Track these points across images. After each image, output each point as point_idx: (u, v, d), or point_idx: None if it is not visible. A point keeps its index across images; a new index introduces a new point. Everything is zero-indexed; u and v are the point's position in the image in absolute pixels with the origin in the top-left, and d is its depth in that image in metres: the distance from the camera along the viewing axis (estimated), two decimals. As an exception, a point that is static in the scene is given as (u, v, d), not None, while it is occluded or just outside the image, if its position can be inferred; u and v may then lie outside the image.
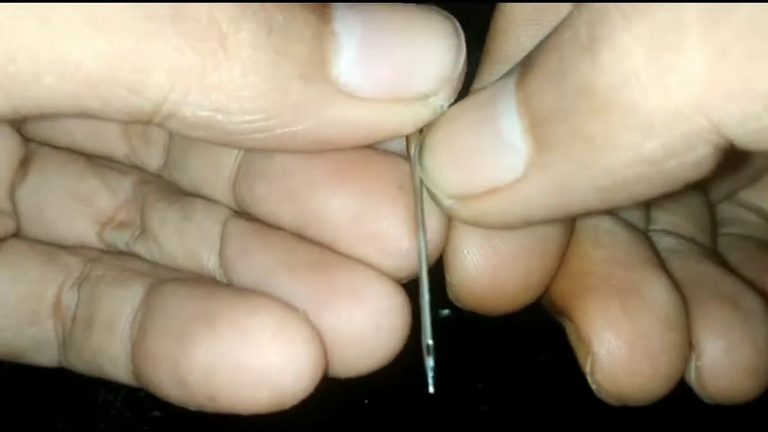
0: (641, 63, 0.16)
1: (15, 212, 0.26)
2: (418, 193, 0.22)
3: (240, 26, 0.18)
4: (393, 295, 0.22)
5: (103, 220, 0.26)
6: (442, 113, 0.21)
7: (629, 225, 0.26)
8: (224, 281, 0.24)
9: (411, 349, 0.23)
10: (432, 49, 0.20)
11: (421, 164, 0.21)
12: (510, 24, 0.24)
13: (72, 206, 0.26)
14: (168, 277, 0.24)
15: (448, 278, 0.23)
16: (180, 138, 0.26)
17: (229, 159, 0.25)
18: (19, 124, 0.26)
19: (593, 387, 0.23)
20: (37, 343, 0.25)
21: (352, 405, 0.41)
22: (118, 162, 0.28)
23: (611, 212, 0.26)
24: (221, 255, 0.24)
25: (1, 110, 0.18)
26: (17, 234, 0.26)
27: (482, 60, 0.25)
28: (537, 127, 0.19)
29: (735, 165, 0.22)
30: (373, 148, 0.23)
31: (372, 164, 0.22)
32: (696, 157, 0.17)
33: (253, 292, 0.22)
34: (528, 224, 0.21)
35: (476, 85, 0.24)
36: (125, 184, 0.27)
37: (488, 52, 0.24)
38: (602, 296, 0.23)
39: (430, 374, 0.21)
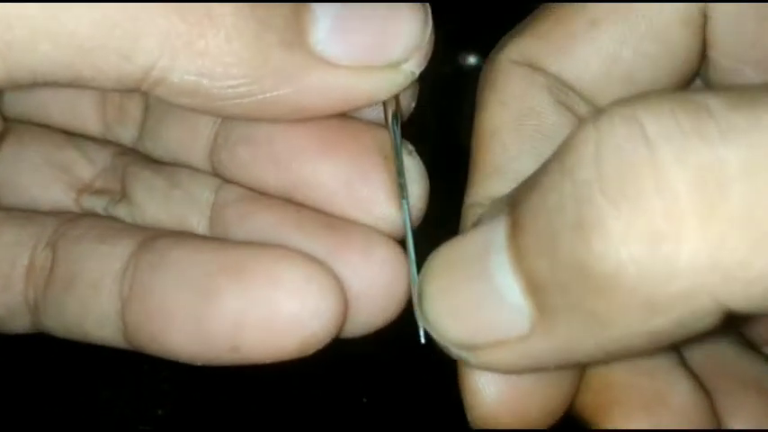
0: (638, 252, 0.16)
1: None
2: (399, 162, 0.23)
3: None
4: (399, 255, 0.23)
5: (80, 187, 0.27)
6: (435, 256, 0.21)
7: None
8: None
9: (409, 347, 0.23)
10: (402, 20, 0.22)
11: (422, 313, 0.21)
12: (494, 133, 0.24)
13: (48, 172, 0.27)
14: (160, 234, 0.24)
15: (467, 412, 0.23)
16: (156, 109, 0.27)
17: (206, 128, 0.25)
18: None
19: None
20: (9, 310, 0.25)
21: (351, 404, 0.41)
22: (94, 138, 0.28)
23: None
24: (215, 219, 0.24)
25: None
26: None
27: (471, 171, 0.25)
28: (536, 293, 0.18)
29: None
30: (355, 118, 0.24)
31: (358, 132, 0.23)
32: (704, 326, 0.17)
33: (272, 245, 0.22)
34: (540, 371, 0.21)
35: (468, 199, 0.25)
36: (103, 155, 0.27)
37: (476, 163, 0.25)
38: (630, 412, 0.23)
39: (421, 328, 0.22)
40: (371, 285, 0.22)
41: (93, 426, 0.40)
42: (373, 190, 0.23)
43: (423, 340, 0.22)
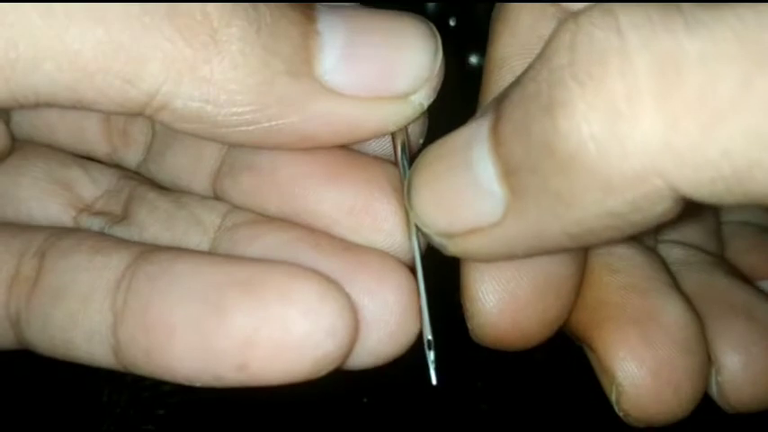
0: (598, 130, 0.17)
1: None
2: (408, 195, 0.22)
3: (231, 22, 0.20)
4: (413, 283, 0.22)
5: (80, 207, 0.26)
6: (425, 151, 0.22)
7: (641, 246, 0.27)
8: None
9: (409, 348, 0.23)
10: (411, 51, 0.22)
11: (410, 203, 0.22)
12: (503, 61, 0.25)
13: (48, 187, 0.26)
14: (159, 248, 0.23)
15: (467, 321, 0.24)
16: (162, 134, 0.26)
17: (212, 155, 0.25)
18: (6, 117, 0.26)
19: (620, 414, 0.24)
20: None
21: (351, 404, 0.41)
22: (100, 160, 0.28)
23: None
24: (220, 240, 0.24)
25: (0, 96, 0.19)
26: None
27: (480, 95, 0.26)
28: (509, 176, 0.19)
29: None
30: (362, 152, 0.24)
31: (364, 163, 0.23)
32: (658, 211, 0.18)
33: (284, 261, 0.21)
34: (511, 259, 0.22)
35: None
36: (107, 177, 0.27)
37: (485, 90, 0.25)
38: (621, 326, 0.24)
39: (432, 368, 0.22)
40: (385, 311, 0.21)
41: (94, 426, 0.40)
42: (378, 220, 0.23)
43: (434, 382, 0.22)
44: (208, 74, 0.20)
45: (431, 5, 0.48)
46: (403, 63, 0.22)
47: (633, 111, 0.17)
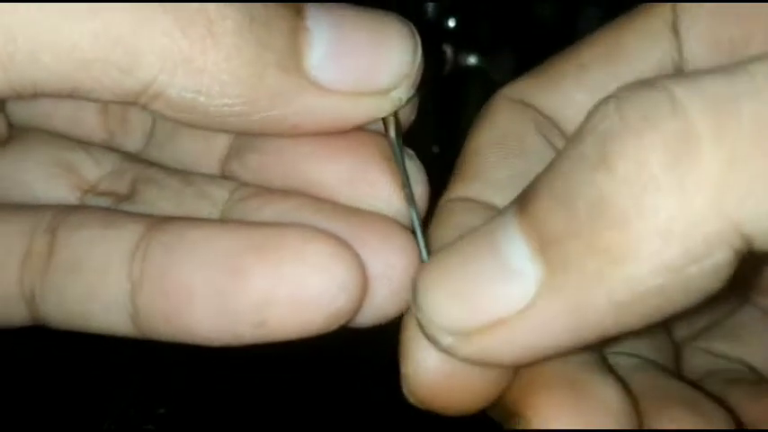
0: (658, 170, 0.17)
1: None
2: (401, 164, 0.23)
3: (226, 15, 0.20)
4: (414, 244, 0.23)
5: (85, 188, 0.27)
6: (435, 256, 0.22)
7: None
8: None
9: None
10: (392, 49, 0.22)
11: (416, 304, 0.21)
12: (478, 149, 0.26)
13: (53, 171, 0.26)
14: (170, 218, 0.23)
15: (403, 382, 0.23)
16: (164, 122, 0.26)
17: (221, 143, 0.26)
18: (1, 105, 0.26)
19: None
20: (5, 303, 0.24)
21: (352, 404, 0.41)
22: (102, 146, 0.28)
23: None
24: (230, 211, 0.25)
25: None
26: None
27: (453, 178, 0.26)
28: (547, 249, 0.19)
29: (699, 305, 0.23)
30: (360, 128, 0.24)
31: (361, 139, 0.24)
32: (715, 263, 0.17)
33: (296, 224, 0.22)
34: (534, 358, 0.21)
35: (444, 198, 0.26)
36: (111, 158, 0.27)
37: (459, 170, 0.26)
38: (555, 394, 0.23)
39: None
40: (389, 269, 0.22)
41: (94, 425, 0.41)
42: (376, 188, 0.24)
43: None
44: (202, 65, 0.20)
45: (430, 5, 0.48)
46: (385, 60, 0.22)
47: (693, 150, 0.17)
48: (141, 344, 0.24)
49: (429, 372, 0.22)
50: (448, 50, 0.48)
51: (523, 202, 0.20)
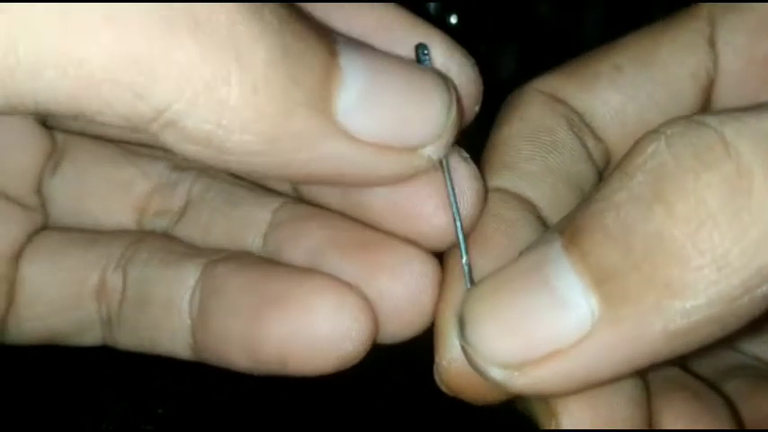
0: (715, 206, 0.18)
1: (43, 206, 0.27)
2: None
3: (258, 43, 0.18)
4: (428, 272, 0.24)
5: (140, 205, 0.28)
6: (477, 285, 0.22)
7: None
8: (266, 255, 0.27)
9: (411, 349, 0.25)
10: (426, 104, 0.21)
11: (465, 339, 0.21)
12: (509, 139, 0.27)
13: (109, 195, 0.28)
14: (216, 257, 0.26)
15: (435, 371, 0.24)
16: None
17: None
18: (43, 117, 0.27)
19: None
20: (81, 326, 0.27)
21: (353, 405, 0.41)
22: (149, 147, 0.28)
23: None
24: (270, 237, 0.26)
25: None
26: (46, 226, 0.27)
27: (485, 167, 0.27)
28: (602, 283, 0.19)
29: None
30: None
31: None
32: (766, 291, 0.18)
33: (310, 271, 0.24)
34: (586, 387, 0.21)
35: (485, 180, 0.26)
36: (158, 169, 0.28)
37: (490, 159, 0.27)
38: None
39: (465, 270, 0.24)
40: (399, 302, 0.24)
41: (93, 425, 0.40)
42: (420, 203, 0.24)
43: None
44: (225, 96, 0.18)
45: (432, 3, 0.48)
46: (417, 115, 0.21)
47: (746, 187, 0.18)
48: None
49: (463, 366, 0.23)
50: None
51: (571, 234, 0.20)
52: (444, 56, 0.24)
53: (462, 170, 0.24)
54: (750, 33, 0.27)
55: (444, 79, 0.22)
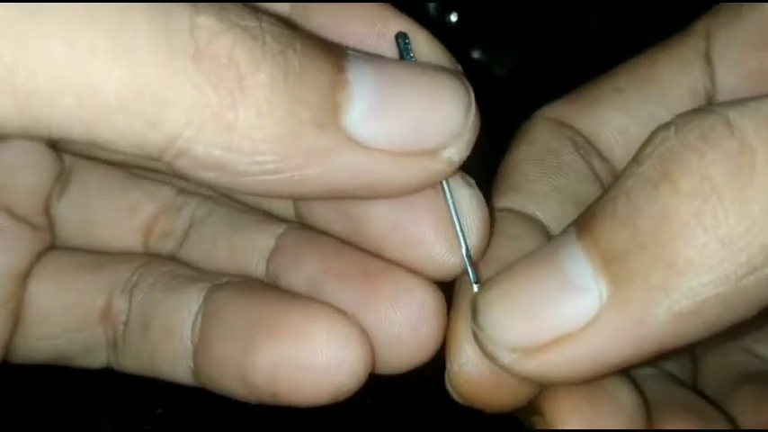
0: (720, 183, 0.18)
1: (51, 227, 0.27)
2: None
3: (259, 68, 0.19)
4: (429, 302, 0.23)
5: (146, 229, 0.28)
6: (490, 280, 0.22)
7: None
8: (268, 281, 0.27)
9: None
10: (442, 105, 0.21)
11: (477, 323, 0.22)
12: (517, 164, 0.27)
13: (116, 218, 0.28)
14: (219, 282, 0.26)
15: (447, 377, 0.24)
16: None
17: None
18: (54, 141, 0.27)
19: None
20: (86, 347, 0.27)
21: (353, 405, 0.41)
22: (157, 172, 0.29)
23: None
24: (272, 262, 0.26)
25: (10, 125, 0.18)
26: (53, 246, 0.27)
27: (494, 192, 0.27)
28: (611, 265, 0.20)
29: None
30: None
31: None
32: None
33: (306, 299, 0.24)
34: (593, 374, 0.21)
35: (494, 203, 0.27)
36: (164, 193, 0.28)
37: (500, 183, 0.27)
38: (571, 391, 0.24)
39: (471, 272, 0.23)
40: (399, 332, 0.23)
41: (92, 425, 0.40)
42: (422, 230, 0.23)
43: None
44: (232, 120, 0.19)
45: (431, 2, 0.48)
46: (432, 119, 0.21)
47: (749, 163, 0.18)
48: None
49: (473, 371, 0.23)
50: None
51: (583, 224, 0.21)
52: (428, 47, 0.24)
53: (467, 199, 0.23)
54: (743, 47, 0.27)
55: (461, 78, 0.22)
